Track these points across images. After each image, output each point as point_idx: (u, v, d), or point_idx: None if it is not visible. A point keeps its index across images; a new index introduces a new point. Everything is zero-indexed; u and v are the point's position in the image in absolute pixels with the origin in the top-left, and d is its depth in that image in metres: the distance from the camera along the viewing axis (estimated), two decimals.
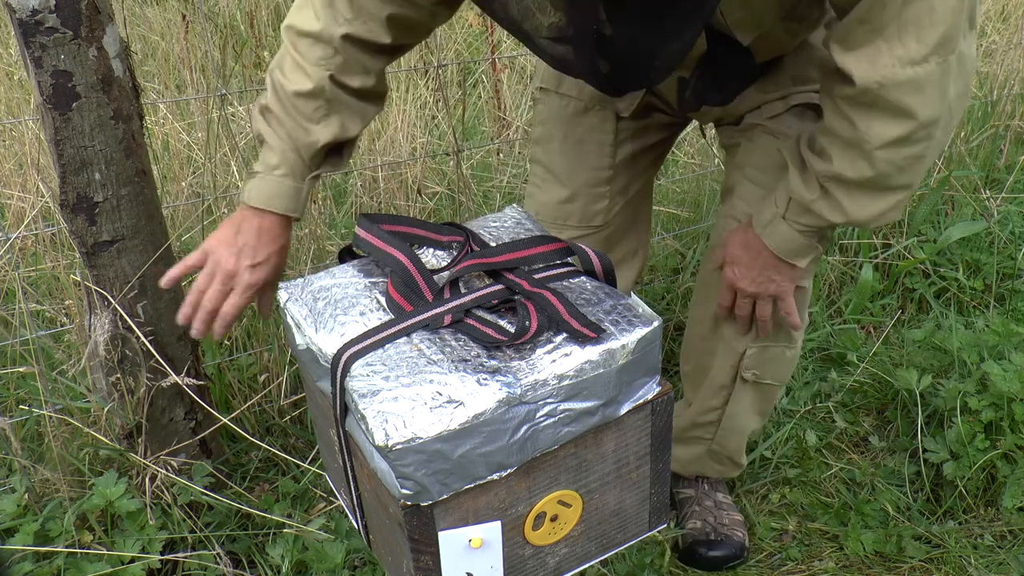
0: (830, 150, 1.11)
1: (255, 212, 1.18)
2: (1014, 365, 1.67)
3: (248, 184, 1.19)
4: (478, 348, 0.90)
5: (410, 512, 0.86)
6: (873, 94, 1.02)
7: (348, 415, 0.92)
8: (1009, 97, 2.61)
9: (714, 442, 1.54)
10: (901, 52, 0.99)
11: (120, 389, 1.39)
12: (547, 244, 1.02)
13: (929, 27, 0.98)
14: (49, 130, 1.22)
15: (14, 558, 1.30)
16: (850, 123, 1.07)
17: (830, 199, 1.15)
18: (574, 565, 1.03)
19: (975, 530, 1.64)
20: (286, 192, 1.18)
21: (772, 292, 1.30)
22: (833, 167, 1.11)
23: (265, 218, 1.18)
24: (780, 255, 1.25)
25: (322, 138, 1.18)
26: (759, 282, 1.30)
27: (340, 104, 1.18)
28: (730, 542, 1.57)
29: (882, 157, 1.07)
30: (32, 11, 1.13)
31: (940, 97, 1.03)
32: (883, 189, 1.13)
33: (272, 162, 1.18)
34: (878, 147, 1.07)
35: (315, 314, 0.97)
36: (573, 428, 0.91)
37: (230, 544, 1.48)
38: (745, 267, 1.30)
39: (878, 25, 0.99)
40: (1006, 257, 2.26)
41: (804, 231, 1.22)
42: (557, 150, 1.46)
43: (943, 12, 0.97)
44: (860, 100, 1.04)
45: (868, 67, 1.01)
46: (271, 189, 1.18)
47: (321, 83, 1.15)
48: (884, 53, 1.00)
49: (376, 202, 2.11)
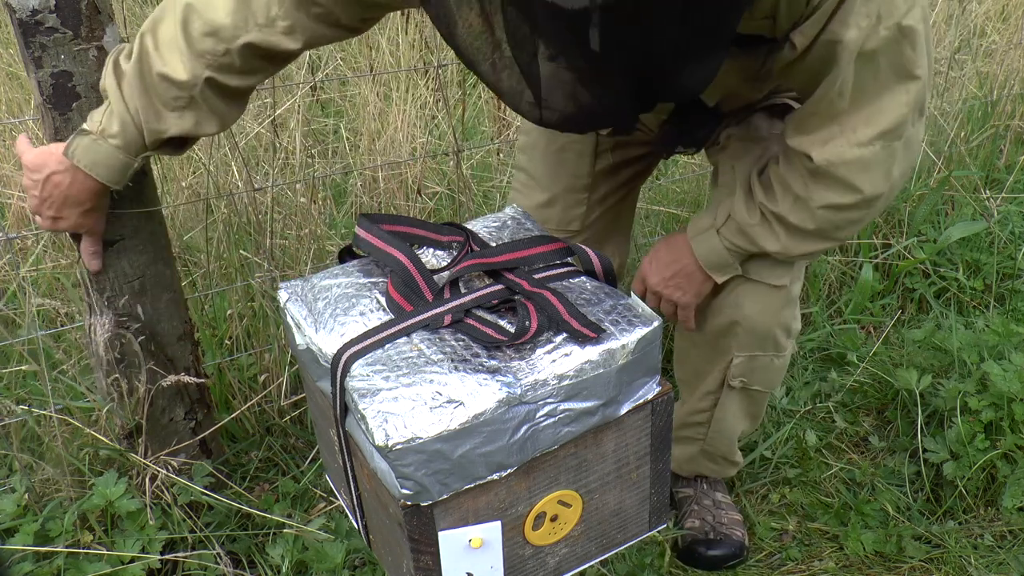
0: (777, 192, 1.20)
1: (72, 171, 1.12)
2: (1014, 365, 1.67)
3: (76, 140, 1.12)
4: (478, 348, 0.90)
5: (410, 512, 0.86)
6: (823, 169, 1.12)
7: (348, 415, 0.92)
8: (1009, 97, 2.61)
9: (705, 442, 1.55)
10: (851, 136, 1.09)
11: (120, 389, 1.39)
12: (547, 244, 1.02)
13: (879, 116, 1.08)
14: (49, 130, 1.22)
15: (14, 558, 1.30)
16: (802, 182, 1.16)
17: (769, 228, 1.22)
18: (574, 565, 1.03)
19: (975, 530, 1.64)
20: (115, 164, 1.12)
21: (675, 299, 1.34)
22: (777, 208, 1.20)
23: (80, 180, 1.13)
24: (702, 264, 1.29)
25: (172, 129, 1.11)
26: (667, 283, 1.33)
27: (203, 103, 1.11)
28: (729, 541, 1.57)
29: (823, 216, 1.17)
30: (32, 11, 1.13)
31: (885, 176, 1.13)
32: (819, 238, 1.22)
33: (111, 130, 1.11)
34: (820, 207, 1.16)
35: (315, 314, 0.97)
36: (573, 428, 0.91)
37: (230, 544, 1.48)
38: (662, 264, 1.34)
39: (832, 114, 1.09)
40: (1006, 257, 2.26)
41: (732, 250, 1.27)
42: (539, 157, 1.50)
43: (893, 106, 1.08)
44: (813, 171, 1.14)
45: (820, 148, 1.11)
46: (100, 156, 1.11)
47: (195, 79, 1.07)
48: (836, 136, 1.10)
49: (376, 202, 2.11)
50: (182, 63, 1.07)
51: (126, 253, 1.31)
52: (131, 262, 1.32)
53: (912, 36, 1.04)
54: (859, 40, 1.02)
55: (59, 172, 1.13)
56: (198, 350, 1.48)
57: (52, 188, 1.14)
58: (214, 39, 1.06)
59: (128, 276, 1.32)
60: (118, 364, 1.37)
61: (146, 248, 1.33)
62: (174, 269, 1.39)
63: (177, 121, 1.11)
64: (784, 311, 1.36)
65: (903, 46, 1.04)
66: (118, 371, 1.37)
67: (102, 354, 1.35)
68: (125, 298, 1.33)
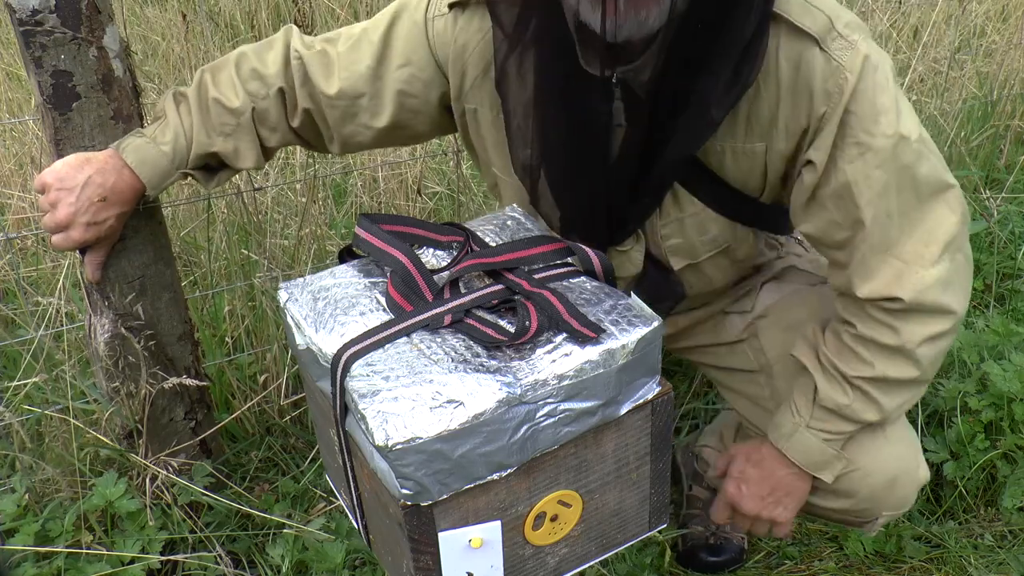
0: (869, 355, 1.12)
1: (120, 167, 1.17)
2: (1014, 365, 1.67)
3: (128, 139, 1.19)
4: (478, 348, 0.90)
5: (410, 512, 0.86)
6: (915, 304, 1.07)
7: (348, 415, 0.92)
8: (1009, 97, 2.61)
9: None
10: (920, 260, 1.07)
11: (120, 389, 1.39)
12: (547, 244, 1.02)
13: (935, 232, 1.06)
14: (49, 130, 1.22)
15: (14, 558, 1.30)
16: (892, 330, 1.09)
17: (866, 397, 1.14)
18: (574, 565, 1.03)
19: (975, 530, 1.64)
20: (159, 168, 1.18)
21: (773, 516, 1.23)
22: (875, 371, 1.12)
23: (125, 177, 1.17)
24: (805, 468, 1.18)
25: (217, 147, 1.21)
26: (766, 503, 1.23)
27: (246, 133, 1.22)
28: (730, 546, 1.58)
29: (923, 354, 1.10)
30: (32, 11, 1.13)
31: (964, 290, 1.10)
32: (916, 384, 1.16)
33: (163, 138, 1.19)
34: (919, 345, 1.09)
35: (315, 314, 0.97)
36: (573, 428, 0.90)
37: (230, 544, 1.48)
38: (753, 485, 1.23)
39: (887, 246, 1.06)
40: (1006, 257, 2.26)
41: (831, 439, 1.17)
42: None
43: (940, 219, 1.06)
44: (903, 311, 1.08)
45: (900, 285, 1.06)
46: (149, 156, 1.18)
47: (245, 108, 1.20)
48: (906, 267, 1.06)
49: (376, 202, 2.11)
50: (235, 94, 1.20)
51: (126, 253, 1.31)
52: (131, 262, 1.32)
53: (920, 145, 1.04)
54: (864, 171, 1.02)
55: (101, 172, 1.16)
56: (198, 350, 1.48)
57: (93, 190, 1.15)
58: (258, 82, 1.21)
59: (128, 276, 1.32)
60: (118, 364, 1.36)
61: (146, 248, 1.33)
62: (174, 269, 1.39)
63: (223, 143, 1.21)
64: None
65: (920, 160, 1.04)
66: (118, 371, 1.37)
67: (102, 354, 1.35)
68: (125, 298, 1.33)
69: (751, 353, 1.34)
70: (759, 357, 1.33)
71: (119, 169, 1.17)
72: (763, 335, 1.33)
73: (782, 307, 1.32)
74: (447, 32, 1.17)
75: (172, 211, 1.91)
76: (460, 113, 1.23)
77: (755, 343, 1.34)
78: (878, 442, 1.20)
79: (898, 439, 1.23)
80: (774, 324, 1.32)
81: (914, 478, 1.25)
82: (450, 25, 1.16)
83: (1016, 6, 2.89)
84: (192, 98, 1.21)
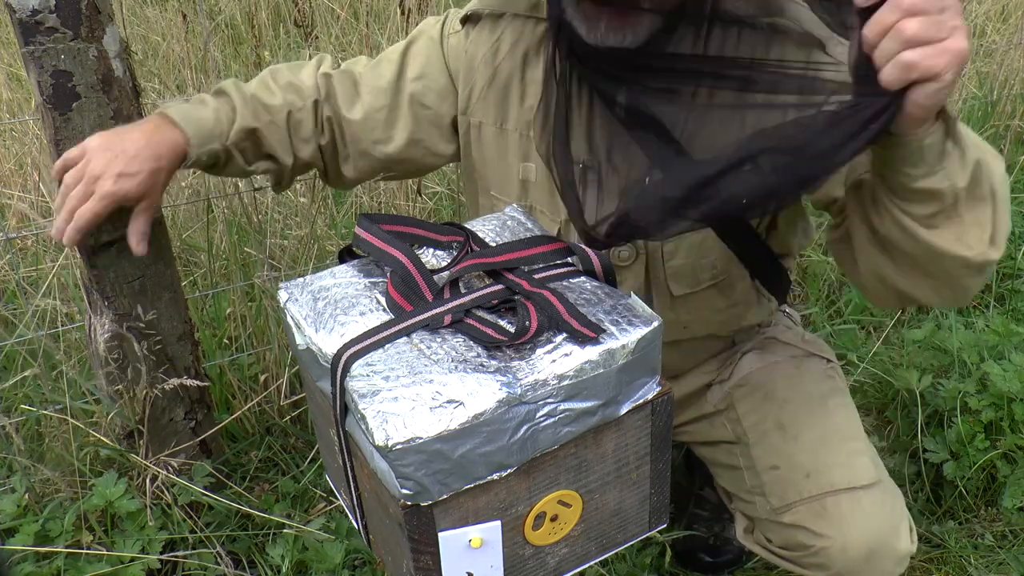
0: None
1: (163, 121, 1.17)
2: (1014, 365, 1.67)
3: (172, 103, 1.21)
4: (478, 348, 0.90)
5: (410, 512, 0.86)
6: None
7: (348, 415, 0.92)
8: (1009, 97, 2.61)
9: None
10: None
11: (120, 389, 1.39)
12: (547, 244, 1.02)
13: None
14: (49, 130, 1.22)
15: (14, 558, 1.30)
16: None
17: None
18: (574, 565, 1.03)
19: (975, 530, 1.64)
20: (206, 125, 1.19)
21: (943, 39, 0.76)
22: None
23: (166, 131, 1.16)
24: None
25: (252, 124, 1.23)
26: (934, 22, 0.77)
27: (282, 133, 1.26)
28: (730, 548, 1.58)
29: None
30: (32, 11, 1.13)
31: None
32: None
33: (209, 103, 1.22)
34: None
35: (315, 314, 0.97)
36: (573, 428, 0.90)
37: (230, 544, 1.48)
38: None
39: None
40: (1006, 257, 2.26)
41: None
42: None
43: None
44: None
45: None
46: (193, 113, 1.19)
47: (283, 108, 1.25)
48: None
49: (376, 202, 2.11)
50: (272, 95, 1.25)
51: (126, 253, 1.31)
52: (131, 262, 1.32)
53: None
54: None
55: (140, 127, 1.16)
56: (198, 350, 1.48)
57: (131, 143, 1.12)
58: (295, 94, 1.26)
59: (128, 276, 1.32)
60: (118, 364, 1.37)
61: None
62: (174, 269, 1.39)
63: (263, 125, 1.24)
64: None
65: None
66: (118, 371, 1.37)
67: (102, 354, 1.35)
68: (125, 298, 1.33)
69: (728, 424, 1.33)
70: (735, 427, 1.32)
71: (160, 124, 1.16)
72: (739, 404, 1.32)
73: (759, 377, 1.32)
74: (460, 46, 1.24)
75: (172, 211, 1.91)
76: (465, 129, 1.26)
77: (732, 414, 1.33)
78: (855, 514, 1.18)
79: (875, 512, 1.19)
80: (750, 393, 1.31)
81: (892, 552, 1.19)
82: (462, 39, 1.24)
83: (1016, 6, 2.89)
84: (231, 90, 1.24)
